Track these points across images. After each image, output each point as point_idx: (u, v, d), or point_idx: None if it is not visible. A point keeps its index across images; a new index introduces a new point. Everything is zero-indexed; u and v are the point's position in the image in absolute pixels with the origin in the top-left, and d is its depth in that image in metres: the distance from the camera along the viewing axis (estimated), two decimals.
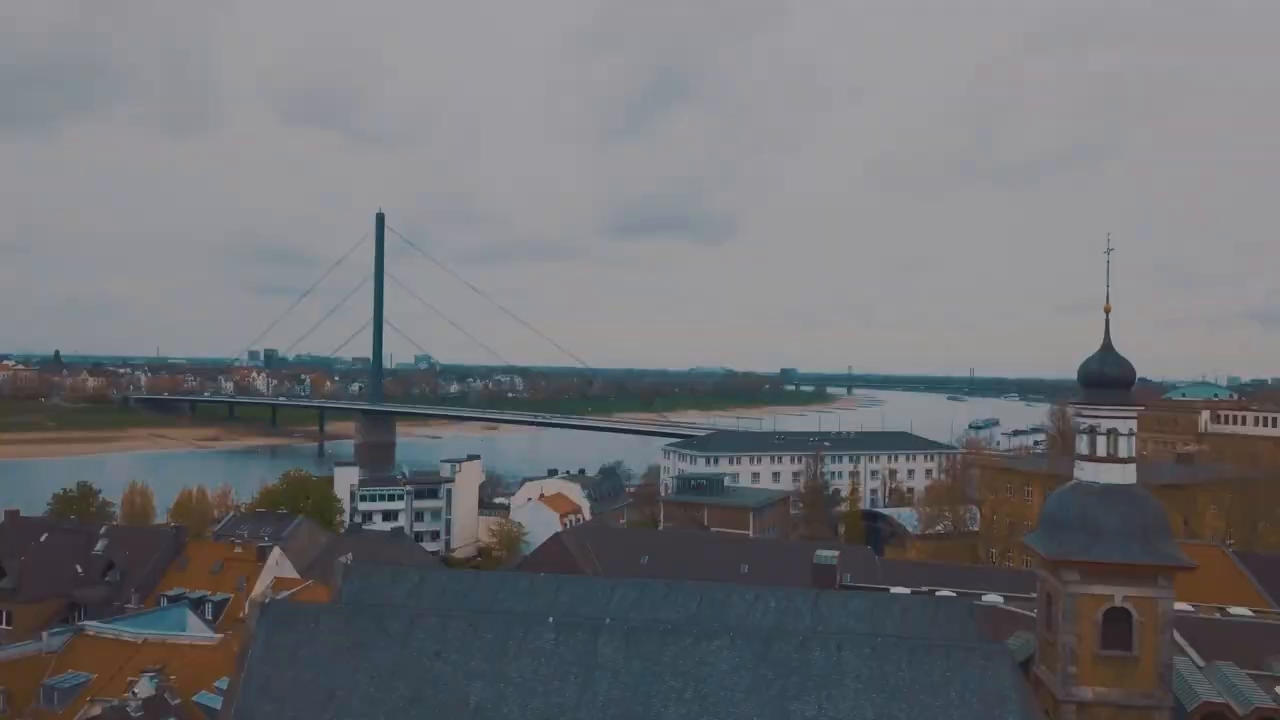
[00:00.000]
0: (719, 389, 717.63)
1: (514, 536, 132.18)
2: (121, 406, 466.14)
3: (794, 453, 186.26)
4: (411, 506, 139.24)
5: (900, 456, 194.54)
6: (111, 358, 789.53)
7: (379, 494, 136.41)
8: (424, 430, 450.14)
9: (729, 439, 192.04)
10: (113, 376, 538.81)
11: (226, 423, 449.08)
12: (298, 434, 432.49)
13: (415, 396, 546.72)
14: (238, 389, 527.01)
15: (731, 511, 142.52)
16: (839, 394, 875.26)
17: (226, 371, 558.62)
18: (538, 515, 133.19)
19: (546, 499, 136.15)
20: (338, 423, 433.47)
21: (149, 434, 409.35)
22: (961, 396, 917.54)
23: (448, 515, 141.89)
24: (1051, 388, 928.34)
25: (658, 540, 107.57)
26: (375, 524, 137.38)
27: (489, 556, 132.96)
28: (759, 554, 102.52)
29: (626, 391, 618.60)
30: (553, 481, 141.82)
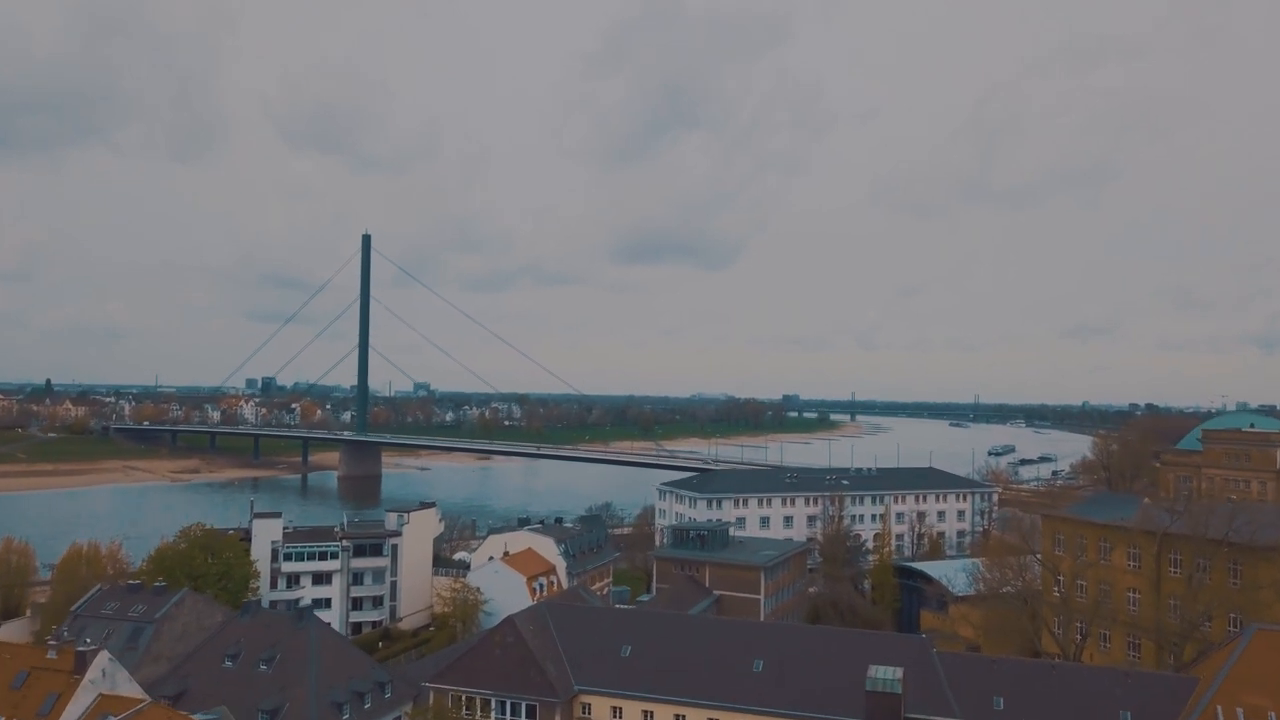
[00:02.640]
0: (721, 415, 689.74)
1: (471, 605, 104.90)
2: (101, 437, 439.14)
3: (808, 494, 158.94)
4: (348, 567, 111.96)
5: (929, 496, 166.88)
6: (107, 386, 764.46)
7: (308, 551, 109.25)
8: (414, 461, 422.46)
9: (733, 478, 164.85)
10: (97, 405, 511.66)
11: (207, 454, 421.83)
12: (281, 465, 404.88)
13: (408, 425, 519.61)
14: (225, 418, 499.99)
15: (738, 571, 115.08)
16: (843, 420, 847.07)
17: (214, 400, 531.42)
18: (500, 580, 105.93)
19: (513, 558, 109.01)
20: (323, 453, 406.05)
21: (124, 466, 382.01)
22: (965, 423, 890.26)
23: (393, 576, 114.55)
24: (1057, 414, 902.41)
25: (643, 625, 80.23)
26: (304, 589, 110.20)
27: (445, 627, 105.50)
28: (778, 645, 75.37)
29: (626, 419, 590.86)
30: (521, 535, 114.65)
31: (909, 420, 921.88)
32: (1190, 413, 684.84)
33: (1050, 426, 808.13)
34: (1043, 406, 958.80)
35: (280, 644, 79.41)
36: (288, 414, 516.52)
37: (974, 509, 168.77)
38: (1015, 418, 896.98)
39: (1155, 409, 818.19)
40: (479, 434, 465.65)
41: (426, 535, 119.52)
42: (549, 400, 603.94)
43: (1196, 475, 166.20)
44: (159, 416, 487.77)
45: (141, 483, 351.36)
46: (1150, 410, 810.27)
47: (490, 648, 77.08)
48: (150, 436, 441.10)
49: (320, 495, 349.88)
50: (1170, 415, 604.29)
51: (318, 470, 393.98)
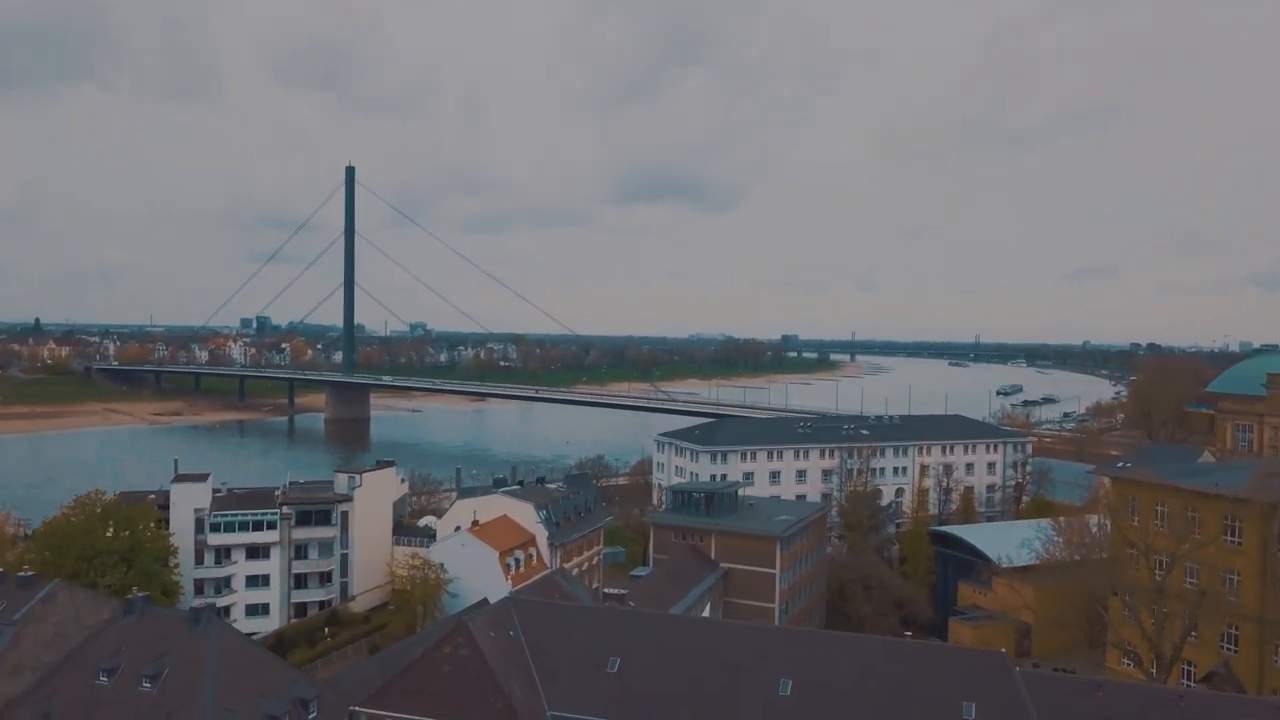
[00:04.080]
0: (720, 356, 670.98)
1: (433, 585, 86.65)
2: (83, 378, 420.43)
3: (824, 445, 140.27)
4: (290, 538, 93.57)
5: (956, 447, 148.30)
6: (100, 326, 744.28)
7: (240, 521, 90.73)
8: (405, 403, 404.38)
9: (739, 428, 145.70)
10: (81, 345, 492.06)
11: (192, 395, 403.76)
12: (267, 408, 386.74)
13: (401, 366, 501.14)
14: (212, 358, 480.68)
15: (749, 542, 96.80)
16: (842, 361, 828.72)
17: (201, 340, 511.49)
18: (468, 555, 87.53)
19: (484, 528, 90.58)
20: (310, 395, 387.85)
21: (103, 409, 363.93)
22: (964, 363, 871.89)
23: (344, 549, 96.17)
24: (1058, 353, 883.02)
25: (636, 630, 61.76)
26: (235, 564, 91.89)
27: (406, 606, 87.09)
28: (809, 659, 56.97)
29: (624, 360, 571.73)
30: (495, 500, 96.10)
31: (908, 360, 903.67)
32: (1193, 352, 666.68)
33: (1052, 366, 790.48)
34: (1043, 346, 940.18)
35: (170, 654, 61.03)
36: (277, 354, 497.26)
37: (1005, 461, 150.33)
38: (1016, 358, 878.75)
39: (1157, 349, 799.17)
40: (473, 375, 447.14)
41: (384, 499, 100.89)
42: (545, 341, 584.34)
43: (1259, 424, 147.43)
44: (144, 357, 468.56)
45: (120, 426, 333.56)
46: (1152, 350, 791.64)
47: (437, 662, 58.68)
48: (134, 377, 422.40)
49: (308, 439, 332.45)
50: (1176, 355, 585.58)
51: (305, 413, 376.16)
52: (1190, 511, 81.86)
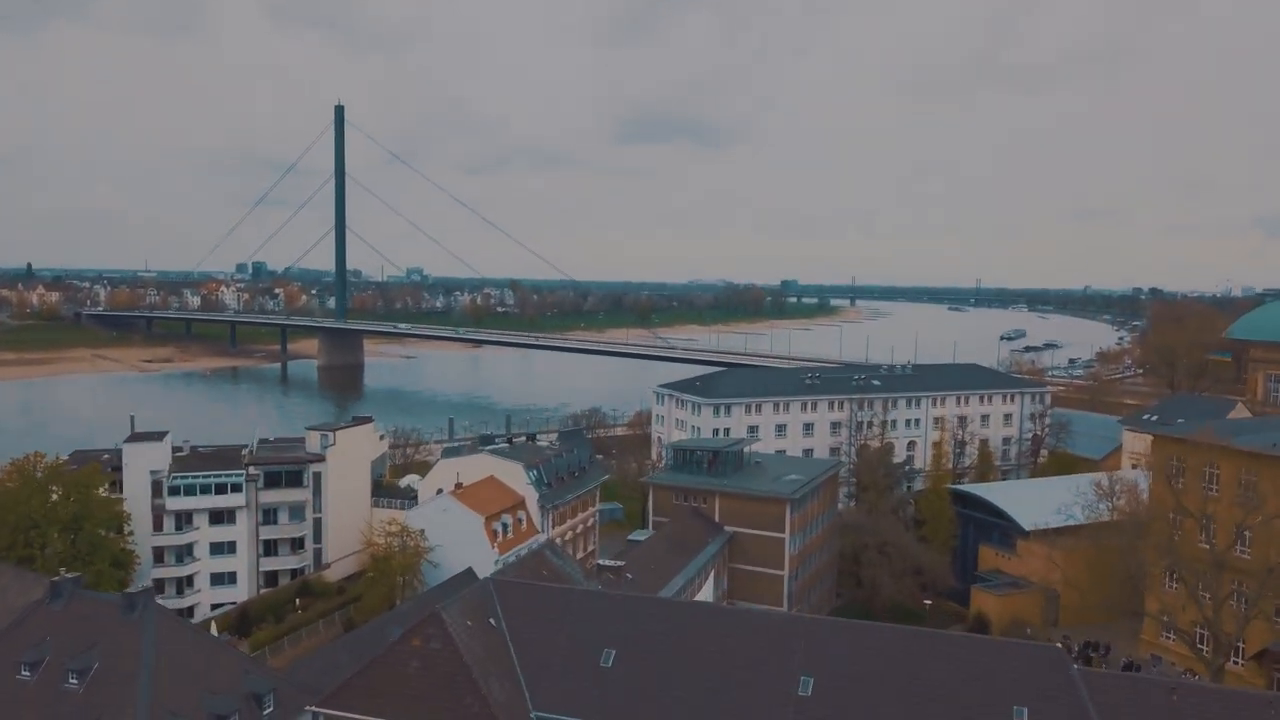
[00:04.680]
0: (719, 302, 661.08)
1: (412, 554, 78.72)
2: (73, 324, 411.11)
3: (832, 396, 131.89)
4: (257, 501, 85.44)
5: (971, 398, 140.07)
6: (93, 271, 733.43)
7: (202, 483, 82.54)
8: (399, 349, 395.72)
9: (743, 379, 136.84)
10: (72, 291, 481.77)
11: (183, 341, 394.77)
12: (259, 354, 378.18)
13: (397, 312, 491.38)
14: (205, 304, 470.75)
15: (756, 504, 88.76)
16: (842, 305, 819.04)
17: (193, 285, 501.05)
18: (451, 521, 79.47)
19: (469, 490, 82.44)
20: (303, 341, 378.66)
21: (92, 355, 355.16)
22: (964, 307, 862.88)
23: (316, 513, 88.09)
24: (1059, 298, 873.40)
25: (633, 617, 53.71)
26: (198, 530, 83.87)
27: (382, 578, 79.02)
28: (832, 652, 49.04)
29: (621, 306, 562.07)
30: (480, 459, 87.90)
31: (908, 305, 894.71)
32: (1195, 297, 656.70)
33: (1053, 311, 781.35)
34: (1044, 291, 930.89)
35: (100, 645, 53.12)
36: (271, 299, 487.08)
37: (1022, 412, 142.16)
38: (1017, 302, 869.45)
39: (1159, 293, 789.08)
40: (469, 321, 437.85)
41: (361, 458, 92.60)
42: (543, 287, 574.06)
43: None
44: (135, 303, 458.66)
45: (108, 373, 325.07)
46: (1154, 295, 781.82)
47: (405, 656, 50.77)
48: (124, 323, 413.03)
49: (301, 386, 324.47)
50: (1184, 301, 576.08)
51: (298, 359, 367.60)
52: (1247, 475, 73.74)
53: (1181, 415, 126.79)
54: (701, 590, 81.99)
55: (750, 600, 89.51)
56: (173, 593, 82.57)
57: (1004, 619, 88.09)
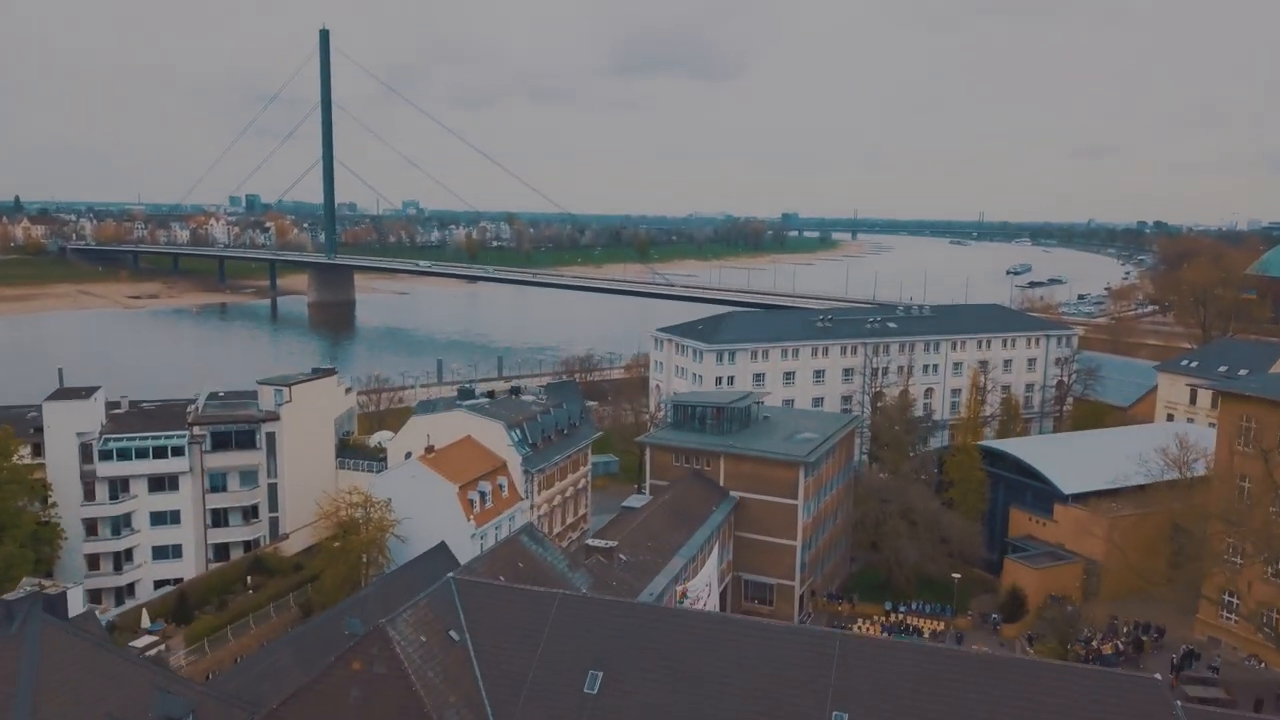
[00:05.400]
0: (719, 236, 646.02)
1: (377, 528, 68.57)
2: (57, 258, 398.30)
3: (845, 341, 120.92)
4: (203, 466, 75.04)
5: (994, 342, 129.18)
6: (85, 204, 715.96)
7: (138, 447, 72.16)
8: (392, 285, 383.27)
9: (748, 323, 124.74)
10: (57, 224, 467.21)
11: (170, 277, 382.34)
12: (248, 290, 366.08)
13: (390, 246, 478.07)
14: (194, 238, 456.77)
15: (766, 467, 78.41)
16: (844, 239, 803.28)
17: (181, 218, 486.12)
18: (421, 489, 69.14)
19: (442, 454, 72.11)
20: (293, 276, 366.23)
21: (76, 291, 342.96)
22: (966, 241, 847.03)
23: (272, 478, 77.77)
24: (1063, 232, 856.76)
25: (624, 629, 43.58)
26: (136, 499, 73.60)
27: (342, 556, 68.61)
28: (869, 673, 39.10)
29: (619, 240, 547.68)
30: (456, 417, 77.37)
31: (910, 239, 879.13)
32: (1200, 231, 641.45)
33: (1056, 245, 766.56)
34: (1047, 225, 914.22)
35: None
36: (261, 233, 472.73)
37: (1047, 357, 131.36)
38: (1020, 236, 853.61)
39: (1164, 227, 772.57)
40: (464, 256, 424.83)
41: (324, 416, 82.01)
42: (539, 220, 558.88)
43: None
44: (122, 236, 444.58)
45: (92, 309, 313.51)
46: (1159, 229, 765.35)
47: (343, 683, 40.72)
48: (110, 258, 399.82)
49: (292, 324, 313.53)
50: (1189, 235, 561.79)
51: (288, 295, 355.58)
52: None
53: (1223, 362, 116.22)
54: (705, 565, 72.21)
55: (759, 573, 79.95)
56: (109, 568, 72.74)
57: (1040, 594, 78.49)
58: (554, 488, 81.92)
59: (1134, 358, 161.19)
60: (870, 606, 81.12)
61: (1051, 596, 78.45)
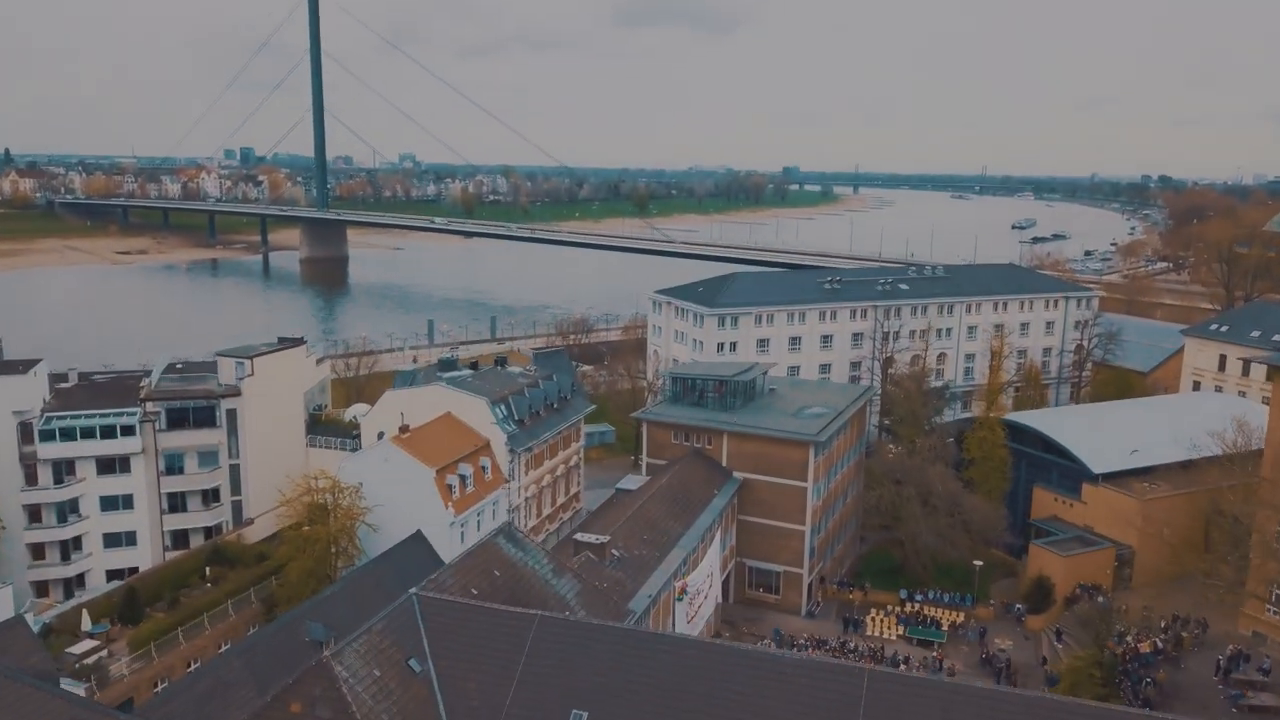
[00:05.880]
0: (720, 190, 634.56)
1: (346, 516, 62.02)
2: (46, 212, 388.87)
3: (854, 304, 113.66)
4: (158, 446, 68.26)
5: (1010, 304, 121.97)
6: (76, 158, 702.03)
7: (84, 426, 65.40)
8: (387, 240, 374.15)
9: (752, 285, 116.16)
10: (46, 178, 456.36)
11: (160, 231, 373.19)
12: (239, 245, 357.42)
13: (385, 200, 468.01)
14: (185, 192, 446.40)
15: (773, 447, 71.67)
16: (845, 194, 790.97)
17: (174, 172, 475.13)
18: (394, 474, 62.47)
19: (419, 434, 65.34)
20: (285, 231, 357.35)
21: (63, 246, 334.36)
22: (967, 195, 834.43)
23: (234, 458, 71.05)
24: (1066, 186, 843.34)
25: (616, 661, 37.07)
26: (83, 482, 66.92)
27: (308, 549, 61.88)
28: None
29: (618, 194, 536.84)
30: (435, 391, 70.33)
31: (912, 193, 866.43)
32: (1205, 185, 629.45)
33: (1059, 199, 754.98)
34: (1050, 179, 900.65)
35: None
36: (254, 186, 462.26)
37: (1065, 320, 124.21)
38: (1023, 190, 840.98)
39: (1168, 181, 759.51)
40: (459, 210, 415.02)
41: (291, 389, 75.06)
42: (537, 174, 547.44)
43: None
44: (112, 190, 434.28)
45: (78, 265, 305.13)
46: (1164, 183, 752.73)
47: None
48: (100, 212, 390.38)
49: (284, 281, 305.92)
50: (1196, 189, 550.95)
51: (280, 250, 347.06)
52: None
53: (1256, 326, 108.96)
54: (706, 554, 65.82)
55: (764, 559, 73.63)
56: (56, 558, 66.29)
57: (1069, 583, 72.25)
58: (542, 467, 75.30)
59: (1149, 318, 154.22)
60: (884, 595, 74.89)
61: (1081, 586, 72.34)
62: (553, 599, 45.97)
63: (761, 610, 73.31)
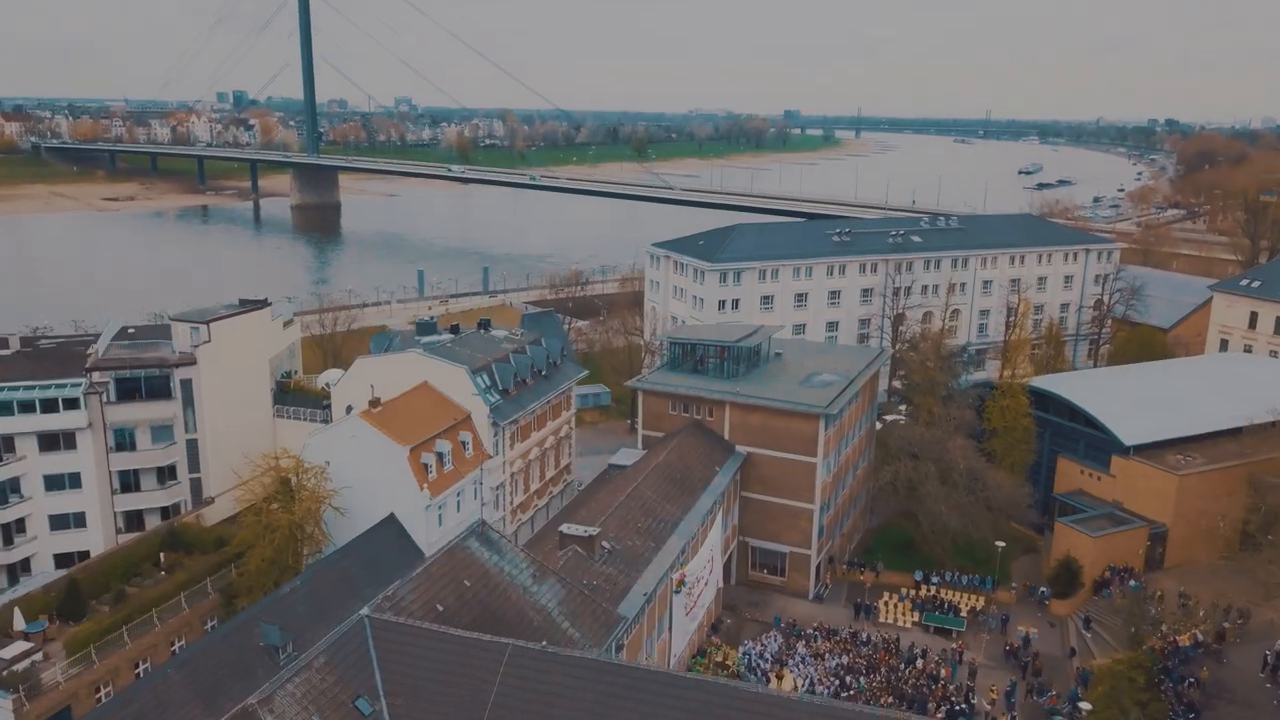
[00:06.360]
0: (720, 134, 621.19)
1: (311, 499, 56.00)
2: (32, 157, 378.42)
3: (864, 257, 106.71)
4: (105, 420, 61.99)
5: (1027, 257, 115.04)
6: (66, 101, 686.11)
7: (23, 398, 59.07)
8: (380, 187, 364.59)
9: (756, 238, 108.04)
10: (32, 122, 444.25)
11: (149, 177, 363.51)
12: (229, 191, 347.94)
13: (379, 145, 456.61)
14: (175, 137, 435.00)
15: (779, 421, 65.40)
16: (847, 138, 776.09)
17: (165, 116, 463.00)
18: (363, 451, 56.33)
19: (390, 408, 59.12)
20: (276, 177, 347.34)
21: (49, 192, 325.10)
22: (971, 139, 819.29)
23: (190, 433, 64.81)
24: (1072, 131, 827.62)
25: (608, 699, 31.21)
26: (24, 460, 60.76)
27: (276, 525, 56.11)
28: None
29: (617, 138, 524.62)
30: (410, 359, 63.78)
31: (915, 137, 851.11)
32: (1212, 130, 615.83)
33: (1065, 143, 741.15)
34: (1055, 123, 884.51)
35: None
36: (245, 130, 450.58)
37: (1085, 273, 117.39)
38: (1028, 134, 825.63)
39: (1175, 125, 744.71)
40: (454, 156, 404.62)
41: (255, 356, 68.53)
42: (534, 118, 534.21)
43: None
44: (100, 134, 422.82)
45: (64, 212, 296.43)
46: (1171, 127, 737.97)
47: None
48: (87, 157, 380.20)
49: (276, 229, 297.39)
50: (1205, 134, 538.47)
51: (271, 197, 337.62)
52: None
53: None
54: (707, 537, 60.01)
55: (769, 539, 67.88)
56: None
57: (1099, 565, 66.58)
58: (530, 440, 69.14)
59: (1166, 270, 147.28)
60: (898, 576, 69.28)
61: (1111, 568, 66.71)
62: (533, 610, 40.05)
63: (766, 593, 67.77)
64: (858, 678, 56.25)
